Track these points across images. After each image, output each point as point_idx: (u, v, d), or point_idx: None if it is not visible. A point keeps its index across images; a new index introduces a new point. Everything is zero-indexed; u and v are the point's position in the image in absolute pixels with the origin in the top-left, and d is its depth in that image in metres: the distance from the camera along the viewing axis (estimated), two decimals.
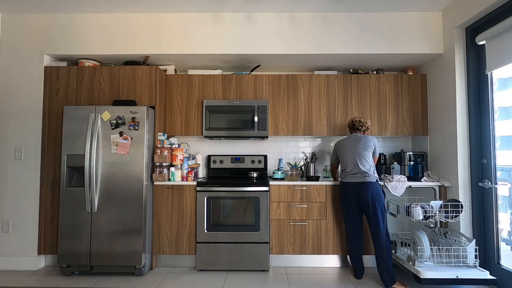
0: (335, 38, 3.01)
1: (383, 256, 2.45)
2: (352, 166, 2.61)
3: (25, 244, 2.86)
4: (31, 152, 2.91)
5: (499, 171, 2.48)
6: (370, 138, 2.66)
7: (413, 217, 2.46)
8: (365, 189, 2.52)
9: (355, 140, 2.67)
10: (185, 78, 3.23)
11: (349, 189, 2.60)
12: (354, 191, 2.57)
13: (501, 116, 2.54)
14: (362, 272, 2.63)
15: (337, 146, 2.80)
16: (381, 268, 2.46)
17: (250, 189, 2.85)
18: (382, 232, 2.48)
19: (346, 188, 2.63)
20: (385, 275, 2.44)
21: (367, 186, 2.52)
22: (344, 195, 2.65)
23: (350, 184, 2.60)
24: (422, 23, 3.00)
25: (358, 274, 2.63)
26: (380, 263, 2.46)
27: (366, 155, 2.61)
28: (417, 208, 2.46)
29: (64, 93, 2.94)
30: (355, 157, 2.61)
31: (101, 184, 2.69)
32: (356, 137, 2.69)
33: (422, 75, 3.24)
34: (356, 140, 2.67)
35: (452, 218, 2.45)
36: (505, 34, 2.31)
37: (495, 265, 2.45)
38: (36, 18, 3.02)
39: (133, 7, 2.93)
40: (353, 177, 2.59)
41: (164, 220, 2.86)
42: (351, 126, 2.80)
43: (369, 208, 2.51)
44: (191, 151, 3.55)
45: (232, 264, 2.78)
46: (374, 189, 2.52)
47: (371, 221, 2.52)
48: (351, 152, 2.64)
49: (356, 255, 2.63)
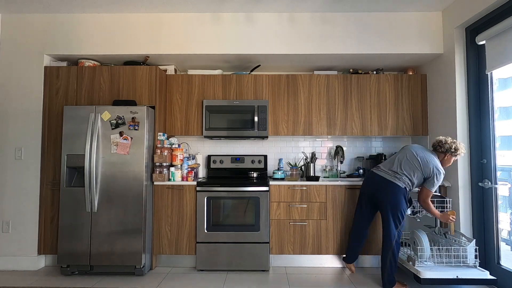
0: (335, 38, 3.01)
1: (386, 260, 2.40)
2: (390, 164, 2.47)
3: (25, 244, 2.86)
4: (31, 152, 2.91)
5: (499, 171, 2.48)
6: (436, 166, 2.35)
7: None
8: (386, 187, 2.39)
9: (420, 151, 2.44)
10: (185, 78, 3.23)
11: (372, 180, 2.50)
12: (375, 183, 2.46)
13: (501, 116, 2.54)
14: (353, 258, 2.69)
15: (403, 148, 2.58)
16: (382, 270, 2.44)
17: (250, 189, 2.85)
18: (391, 237, 2.37)
19: (370, 177, 2.54)
20: (385, 278, 2.41)
21: (390, 185, 2.39)
22: (365, 184, 2.58)
23: (376, 176, 2.49)
24: (422, 23, 3.00)
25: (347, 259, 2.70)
26: (383, 265, 2.43)
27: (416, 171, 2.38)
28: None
29: (64, 93, 2.94)
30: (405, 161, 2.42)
31: (101, 184, 2.69)
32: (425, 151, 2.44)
33: (422, 75, 3.24)
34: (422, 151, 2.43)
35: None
36: (505, 34, 2.31)
37: (495, 265, 2.45)
38: (36, 18, 3.02)
39: (133, 7, 2.93)
40: (382, 172, 2.47)
41: (164, 220, 2.86)
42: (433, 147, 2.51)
43: (382, 208, 2.42)
44: (191, 151, 3.55)
45: (232, 264, 2.78)
46: (396, 193, 2.36)
47: (385, 221, 2.42)
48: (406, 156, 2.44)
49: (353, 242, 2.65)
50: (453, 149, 2.39)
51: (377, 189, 2.45)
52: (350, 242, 2.70)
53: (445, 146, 2.40)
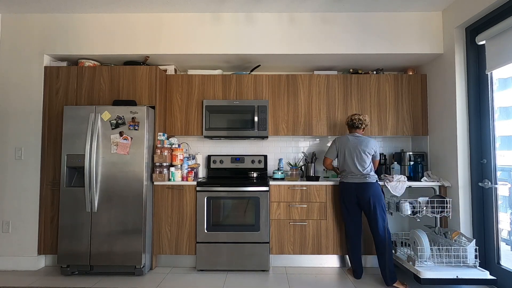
0: (335, 38, 3.01)
1: (385, 254, 2.47)
2: (352, 168, 2.62)
3: (25, 244, 2.86)
4: (31, 152, 2.91)
5: (499, 171, 2.48)
6: (373, 143, 2.66)
7: (402, 212, 2.63)
8: (366, 189, 2.55)
9: (358, 142, 2.66)
10: (185, 78, 3.23)
11: (351, 189, 2.61)
12: (355, 191, 2.59)
13: (501, 116, 2.54)
14: (361, 271, 2.64)
15: (339, 143, 2.74)
16: (382, 267, 2.48)
17: (250, 189, 2.85)
18: (382, 232, 2.51)
19: (347, 188, 2.64)
20: (387, 273, 2.45)
21: (368, 186, 2.56)
22: (345, 195, 2.66)
23: (351, 185, 2.61)
24: (422, 23, 3.00)
25: (358, 273, 2.63)
26: (382, 261, 2.48)
27: (366, 158, 2.62)
28: (406, 203, 2.63)
29: (64, 93, 2.94)
30: (356, 159, 2.62)
31: (101, 184, 2.69)
32: (359, 139, 2.67)
33: (422, 75, 3.24)
34: (359, 142, 2.66)
35: (438, 214, 2.64)
36: (505, 34, 2.31)
37: (495, 265, 2.45)
38: (36, 18, 3.02)
39: (133, 7, 2.93)
40: (354, 178, 2.61)
41: (164, 220, 2.86)
42: (351, 124, 2.75)
43: (370, 208, 2.54)
44: (191, 151, 3.55)
45: (232, 264, 2.78)
46: (374, 189, 2.56)
47: (372, 221, 2.54)
48: (352, 154, 2.64)
49: (356, 255, 2.63)
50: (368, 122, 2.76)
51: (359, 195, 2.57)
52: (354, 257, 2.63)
53: (365, 122, 2.73)
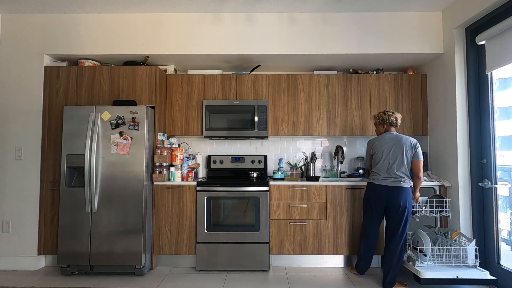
0: (335, 38, 3.01)
1: (393, 261, 2.39)
2: (386, 168, 2.45)
3: (25, 244, 2.86)
4: (31, 152, 2.91)
5: (499, 171, 2.48)
6: (413, 141, 2.46)
7: None
8: (399, 194, 2.39)
9: (396, 141, 2.47)
10: (185, 78, 3.23)
11: (381, 193, 2.45)
12: (386, 195, 2.43)
13: (501, 116, 2.54)
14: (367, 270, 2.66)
15: (373, 146, 2.58)
16: (387, 271, 2.42)
17: (250, 189, 2.85)
18: (403, 238, 2.40)
19: (377, 191, 2.47)
20: (388, 278, 2.41)
21: (402, 191, 2.40)
22: (373, 197, 2.51)
23: (382, 188, 2.45)
24: (422, 23, 3.00)
25: (363, 270, 2.65)
26: (389, 266, 2.41)
27: (405, 159, 2.43)
28: None
29: (64, 93, 2.94)
30: (394, 159, 2.43)
31: (101, 184, 2.69)
32: (396, 137, 2.49)
33: (422, 75, 3.24)
34: (397, 140, 2.47)
35: (437, 213, 2.64)
36: (505, 34, 2.31)
37: (495, 265, 2.45)
38: (36, 18, 3.02)
39: (133, 7, 2.93)
40: (387, 181, 2.44)
41: (164, 220, 2.86)
42: (389, 122, 2.55)
43: (399, 213, 2.39)
44: (191, 151, 3.55)
45: (232, 264, 2.78)
46: (408, 195, 2.41)
47: (397, 226, 2.40)
48: (390, 153, 2.45)
49: (369, 256, 2.60)
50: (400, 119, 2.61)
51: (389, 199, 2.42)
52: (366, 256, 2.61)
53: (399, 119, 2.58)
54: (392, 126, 2.57)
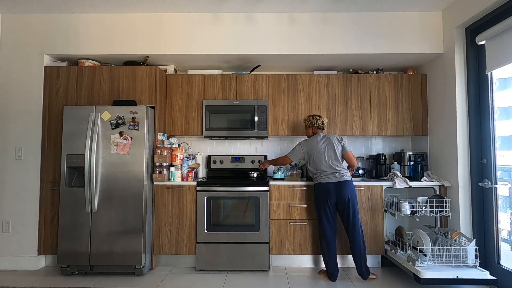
0: (335, 38, 3.01)
1: (361, 252, 2.55)
2: (328, 167, 2.62)
3: (25, 244, 2.86)
4: (31, 152, 2.91)
5: (499, 171, 2.48)
6: (338, 137, 2.72)
7: (401, 212, 2.63)
8: (345, 187, 2.57)
9: (327, 141, 2.69)
10: (185, 78, 3.23)
11: (330, 189, 2.58)
12: (335, 190, 2.57)
13: (501, 116, 2.54)
14: (337, 273, 2.60)
15: (307, 147, 2.73)
16: (360, 264, 2.54)
17: (250, 189, 2.85)
18: (359, 229, 2.58)
19: (327, 189, 2.59)
20: (364, 268, 2.54)
21: (346, 184, 2.59)
22: (325, 196, 2.60)
23: (330, 184, 2.59)
24: (422, 23, 3.00)
25: (335, 276, 2.58)
26: (359, 259, 2.54)
27: (338, 155, 2.66)
28: (405, 203, 2.64)
29: (64, 93, 2.94)
30: (331, 157, 2.63)
31: (101, 184, 2.69)
32: (327, 137, 2.71)
33: (422, 75, 3.24)
34: (328, 140, 2.69)
35: (437, 213, 2.67)
36: (505, 34, 2.31)
37: (495, 265, 2.45)
38: (36, 18, 3.02)
39: (133, 7, 2.93)
40: (332, 177, 2.60)
41: (164, 220, 2.86)
42: (317, 125, 2.77)
43: (348, 207, 2.56)
44: (191, 151, 3.55)
45: (232, 264, 2.78)
46: (351, 187, 2.61)
47: (350, 219, 2.56)
48: (325, 153, 2.64)
49: (334, 257, 2.59)
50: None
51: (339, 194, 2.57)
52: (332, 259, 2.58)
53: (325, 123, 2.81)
54: (319, 129, 2.79)
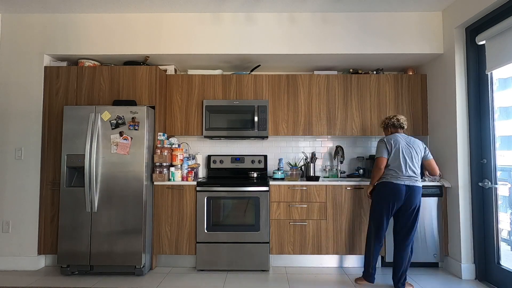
0: (335, 38, 3.01)
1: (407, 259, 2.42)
2: (405, 168, 2.43)
3: (25, 244, 2.86)
4: (31, 152, 2.91)
5: (499, 171, 2.48)
6: (421, 143, 2.54)
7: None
8: (415, 193, 2.41)
9: (409, 142, 2.50)
10: (185, 78, 3.23)
11: (401, 191, 2.40)
12: (405, 193, 2.40)
13: (501, 116, 2.54)
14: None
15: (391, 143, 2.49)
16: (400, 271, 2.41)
17: (250, 189, 2.85)
18: (413, 240, 2.44)
19: (397, 189, 2.40)
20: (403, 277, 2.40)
21: (417, 190, 2.42)
22: (392, 196, 2.42)
23: (402, 186, 2.40)
24: (422, 23, 2.99)
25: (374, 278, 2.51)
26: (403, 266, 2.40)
27: (418, 159, 2.47)
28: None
29: (64, 93, 2.94)
30: (410, 159, 2.44)
31: (101, 184, 2.69)
32: (410, 138, 2.52)
33: (422, 75, 3.24)
34: (410, 141, 2.50)
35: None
36: (505, 34, 2.31)
37: (495, 265, 2.45)
38: (36, 18, 3.02)
39: (133, 7, 2.92)
40: (406, 180, 2.41)
41: (164, 220, 2.86)
42: (398, 125, 2.58)
43: (413, 213, 2.41)
44: (191, 151, 3.55)
45: (232, 264, 2.78)
46: (421, 195, 2.45)
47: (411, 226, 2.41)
48: (407, 153, 2.45)
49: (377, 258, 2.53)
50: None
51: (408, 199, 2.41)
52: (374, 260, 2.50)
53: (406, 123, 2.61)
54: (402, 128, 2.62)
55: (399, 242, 2.44)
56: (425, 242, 2.83)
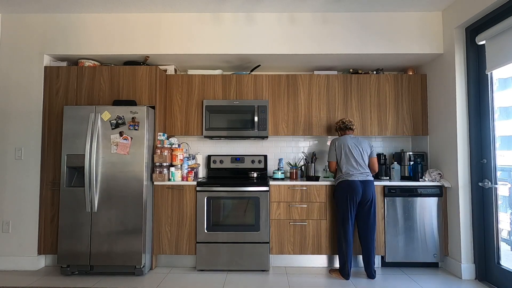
0: (335, 38, 3.01)
1: (373, 251, 2.63)
2: (357, 165, 2.67)
3: (25, 244, 2.86)
4: (31, 152, 2.91)
5: (499, 171, 2.48)
6: (368, 142, 2.79)
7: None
8: (369, 186, 2.64)
9: (357, 141, 2.74)
10: (185, 78, 3.23)
11: (357, 187, 2.61)
12: (361, 188, 2.62)
13: (501, 116, 2.54)
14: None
15: (338, 144, 2.74)
16: (370, 261, 2.62)
17: (250, 189, 2.85)
18: (373, 229, 2.65)
19: (354, 186, 2.61)
20: (371, 266, 2.61)
21: (371, 184, 2.66)
22: (351, 193, 2.60)
23: (357, 182, 2.62)
24: (422, 23, 2.99)
25: (349, 275, 2.62)
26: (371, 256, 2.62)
27: (365, 157, 2.73)
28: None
29: (64, 93, 2.94)
30: (360, 157, 2.69)
31: (101, 184, 2.69)
32: (357, 138, 2.77)
33: (422, 75, 3.24)
34: (358, 141, 2.75)
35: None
36: (505, 34, 2.31)
37: (495, 265, 2.45)
38: (36, 18, 3.02)
39: (133, 7, 2.92)
40: (359, 175, 2.64)
41: (164, 220, 2.86)
42: (344, 127, 2.83)
43: (370, 206, 2.64)
44: (191, 151, 3.55)
45: (232, 264, 2.78)
46: (374, 187, 2.69)
47: (370, 219, 2.64)
48: (355, 152, 2.69)
49: (351, 256, 2.63)
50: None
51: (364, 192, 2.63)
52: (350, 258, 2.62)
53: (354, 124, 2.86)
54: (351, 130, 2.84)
55: (365, 237, 2.65)
56: (425, 242, 2.83)
